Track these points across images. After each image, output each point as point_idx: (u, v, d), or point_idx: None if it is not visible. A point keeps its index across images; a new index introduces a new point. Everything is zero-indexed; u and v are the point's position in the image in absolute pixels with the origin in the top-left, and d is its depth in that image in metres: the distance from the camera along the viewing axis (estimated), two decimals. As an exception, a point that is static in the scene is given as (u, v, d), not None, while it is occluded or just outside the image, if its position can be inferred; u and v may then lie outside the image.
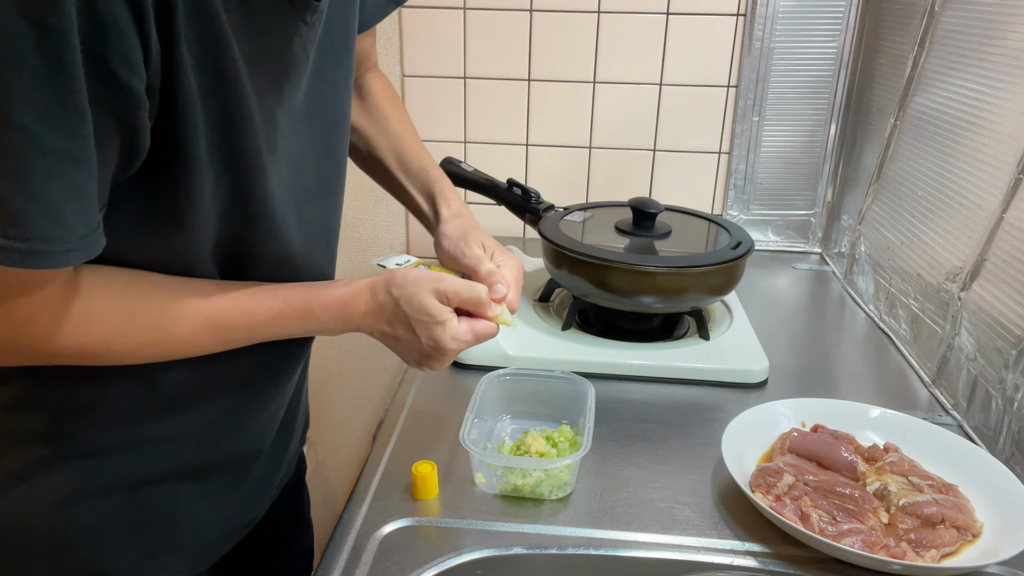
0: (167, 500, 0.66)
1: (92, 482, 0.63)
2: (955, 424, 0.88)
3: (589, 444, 0.72)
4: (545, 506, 0.72)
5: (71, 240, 0.47)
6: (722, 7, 1.30)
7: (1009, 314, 0.81)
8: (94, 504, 0.63)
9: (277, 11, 0.55)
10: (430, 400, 0.90)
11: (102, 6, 0.42)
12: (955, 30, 0.98)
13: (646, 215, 1.04)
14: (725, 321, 1.07)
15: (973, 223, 0.90)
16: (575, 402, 0.82)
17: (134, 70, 0.45)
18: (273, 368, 0.70)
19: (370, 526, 0.69)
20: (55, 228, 0.46)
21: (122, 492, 0.64)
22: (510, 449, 0.79)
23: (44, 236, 0.46)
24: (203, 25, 0.49)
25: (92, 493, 0.63)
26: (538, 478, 0.72)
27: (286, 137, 0.60)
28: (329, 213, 0.71)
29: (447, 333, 0.65)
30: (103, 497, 0.63)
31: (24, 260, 0.45)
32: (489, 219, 1.45)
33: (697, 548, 0.68)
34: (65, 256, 0.47)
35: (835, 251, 1.37)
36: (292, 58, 0.58)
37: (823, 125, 1.36)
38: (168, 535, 0.67)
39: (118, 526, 0.65)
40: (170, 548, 0.68)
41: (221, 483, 0.70)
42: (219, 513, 0.71)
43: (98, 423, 0.61)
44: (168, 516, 0.67)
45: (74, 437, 0.61)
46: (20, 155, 0.43)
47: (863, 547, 0.63)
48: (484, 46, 1.35)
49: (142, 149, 0.49)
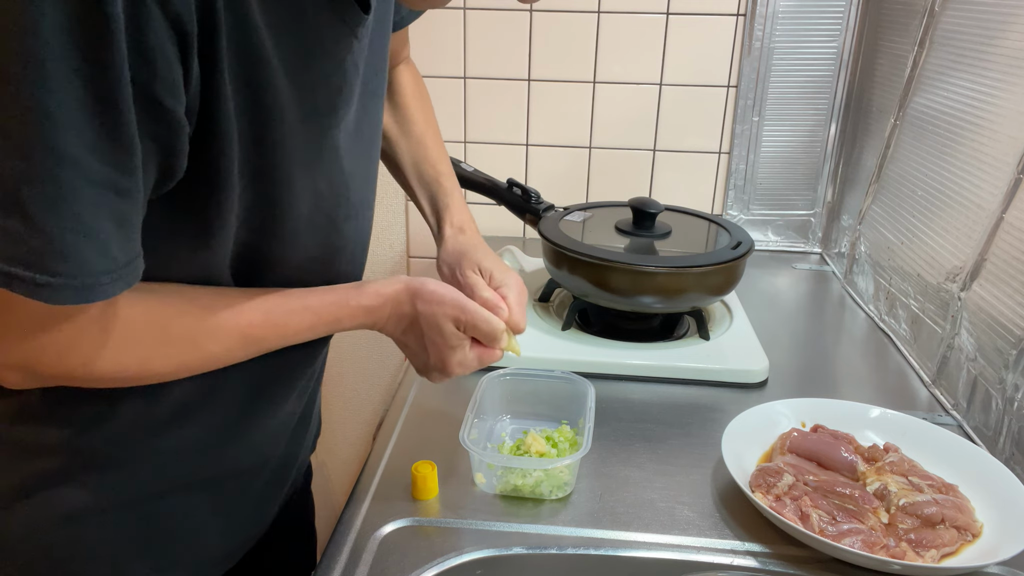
0: (175, 514, 0.66)
1: (100, 496, 0.62)
2: (955, 424, 0.88)
3: (589, 444, 0.72)
4: (545, 506, 0.72)
5: (116, 271, 0.47)
6: (722, 7, 1.30)
7: (1009, 314, 0.81)
8: (101, 519, 0.62)
9: (332, 32, 0.56)
10: (430, 400, 0.90)
11: (152, 38, 0.42)
12: (955, 30, 0.98)
13: (646, 215, 1.04)
14: (725, 321, 1.07)
15: (973, 223, 0.90)
16: (575, 402, 0.82)
17: (177, 97, 0.45)
18: (283, 377, 0.70)
19: (370, 526, 0.69)
20: (102, 261, 0.45)
21: (130, 506, 0.63)
22: (510, 449, 0.79)
23: (92, 270, 0.45)
24: (245, 51, 0.49)
25: (100, 507, 0.62)
26: (538, 478, 0.72)
27: (339, 158, 0.61)
28: (366, 222, 0.72)
29: (455, 358, 0.67)
30: (110, 512, 0.63)
31: (76, 296, 0.45)
32: (489, 219, 1.45)
33: (697, 548, 0.67)
34: (111, 287, 0.47)
35: (835, 251, 1.37)
36: (346, 76, 0.59)
37: (823, 125, 1.36)
38: (175, 550, 0.67)
39: (125, 541, 0.64)
40: (177, 563, 0.67)
41: (229, 494, 0.69)
42: (226, 526, 0.70)
43: (108, 435, 0.61)
44: (175, 531, 0.66)
45: (83, 450, 0.61)
46: (70, 189, 0.43)
47: (863, 547, 0.63)
48: (484, 46, 1.35)
49: (180, 171, 0.49)
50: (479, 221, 0.84)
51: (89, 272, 0.45)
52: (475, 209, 1.47)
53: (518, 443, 0.79)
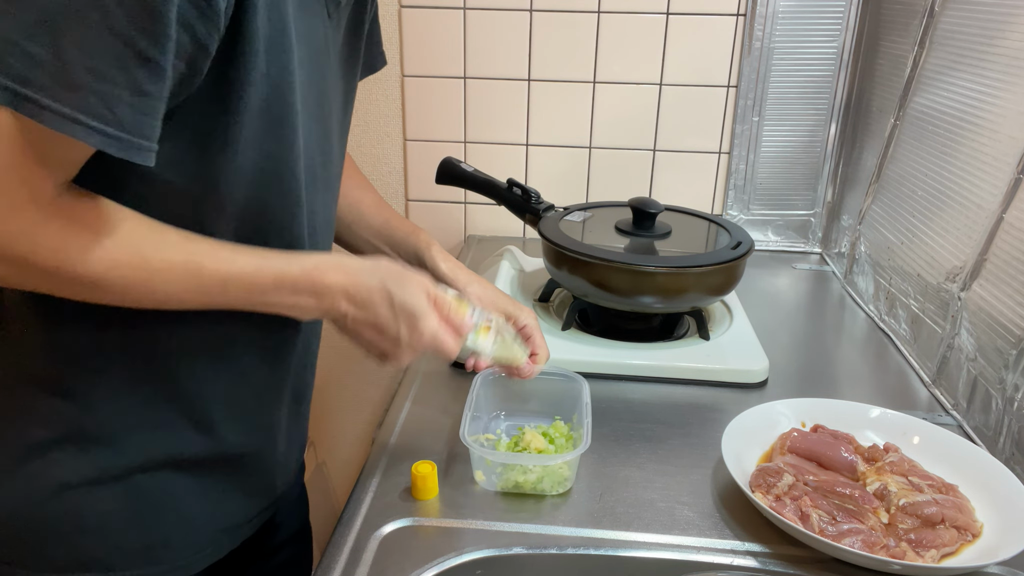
0: (162, 492, 0.67)
1: (89, 469, 0.63)
2: (955, 424, 0.88)
3: (589, 439, 0.73)
4: (545, 506, 0.72)
5: (117, 129, 0.49)
6: (722, 7, 1.30)
7: (1009, 314, 0.81)
8: (90, 492, 0.64)
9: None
10: (430, 400, 0.90)
11: None
12: (955, 30, 0.98)
13: (646, 215, 1.04)
14: (725, 321, 1.07)
15: (973, 223, 0.90)
16: (568, 398, 0.83)
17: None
18: (267, 358, 0.70)
19: (370, 526, 0.69)
20: (106, 112, 0.48)
21: (118, 480, 0.64)
22: (507, 446, 0.79)
23: (94, 112, 0.47)
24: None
25: (88, 480, 0.63)
26: (539, 474, 0.73)
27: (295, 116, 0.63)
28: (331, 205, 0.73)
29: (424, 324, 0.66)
30: (99, 485, 0.64)
31: (73, 128, 0.47)
32: (489, 219, 1.45)
33: (697, 548, 0.68)
34: (110, 142, 0.49)
35: (835, 251, 1.37)
36: (322, 44, 0.63)
37: (823, 125, 1.36)
38: (162, 529, 0.68)
39: (112, 516, 0.65)
40: (163, 543, 0.68)
41: (216, 479, 0.70)
42: (213, 510, 0.71)
43: (96, 407, 0.62)
44: (162, 509, 0.67)
45: (73, 421, 0.62)
46: (96, 32, 0.46)
47: (863, 547, 0.63)
48: (484, 46, 1.35)
49: (203, 73, 0.52)
50: (479, 221, 0.84)
51: (90, 114, 0.47)
52: (475, 209, 1.48)
53: (515, 439, 0.79)
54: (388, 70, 1.38)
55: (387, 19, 1.35)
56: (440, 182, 1.13)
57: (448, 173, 1.12)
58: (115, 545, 0.66)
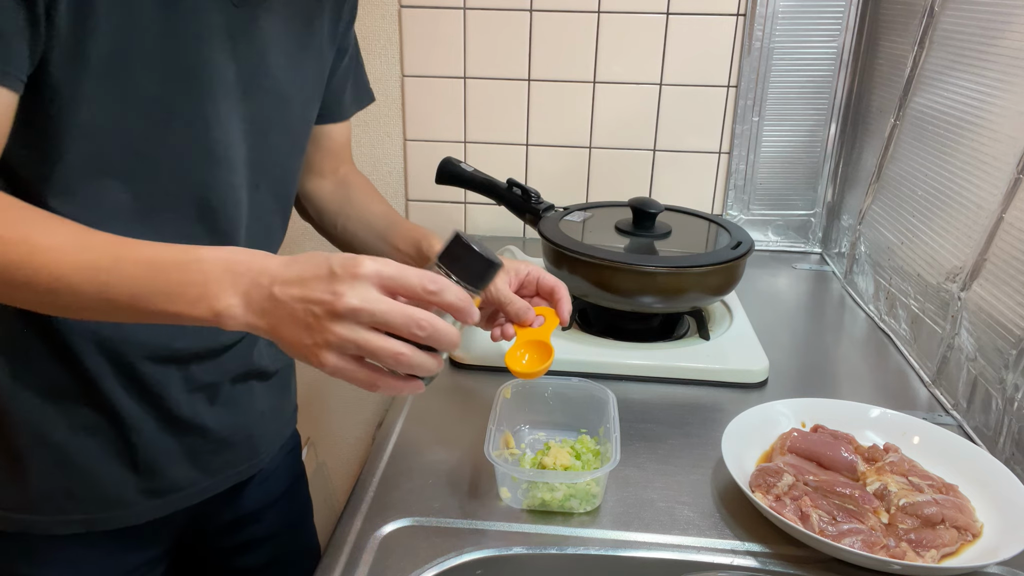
0: (65, 443, 0.67)
1: (10, 383, 0.65)
2: (955, 424, 0.88)
3: (619, 455, 0.70)
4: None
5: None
6: (722, 7, 1.30)
7: (1009, 314, 0.81)
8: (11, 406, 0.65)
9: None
10: (430, 400, 0.90)
11: None
12: (955, 30, 0.98)
13: (646, 215, 1.04)
14: (725, 321, 1.07)
15: (973, 223, 0.90)
16: (593, 409, 0.81)
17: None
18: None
19: (370, 526, 0.69)
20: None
21: (29, 418, 0.66)
22: (531, 461, 0.76)
23: None
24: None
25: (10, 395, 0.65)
26: (567, 492, 0.70)
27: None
28: (241, 188, 0.70)
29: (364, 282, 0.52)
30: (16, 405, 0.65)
31: None
32: (489, 219, 1.45)
33: (697, 548, 0.67)
34: None
35: (835, 251, 1.37)
36: (205, 22, 0.62)
37: (823, 125, 1.36)
38: (64, 478, 0.68)
39: (22, 455, 0.66)
40: (67, 493, 0.69)
41: (115, 438, 0.69)
42: (117, 472, 0.70)
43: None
44: (66, 459, 0.68)
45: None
46: None
47: (863, 547, 0.63)
48: (484, 46, 1.35)
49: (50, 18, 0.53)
50: (479, 221, 0.84)
51: None
52: (475, 209, 1.48)
53: (539, 455, 0.76)
54: (388, 70, 1.38)
55: (387, 19, 1.35)
56: (440, 182, 1.13)
57: (448, 173, 1.12)
58: (15, 490, 0.67)
